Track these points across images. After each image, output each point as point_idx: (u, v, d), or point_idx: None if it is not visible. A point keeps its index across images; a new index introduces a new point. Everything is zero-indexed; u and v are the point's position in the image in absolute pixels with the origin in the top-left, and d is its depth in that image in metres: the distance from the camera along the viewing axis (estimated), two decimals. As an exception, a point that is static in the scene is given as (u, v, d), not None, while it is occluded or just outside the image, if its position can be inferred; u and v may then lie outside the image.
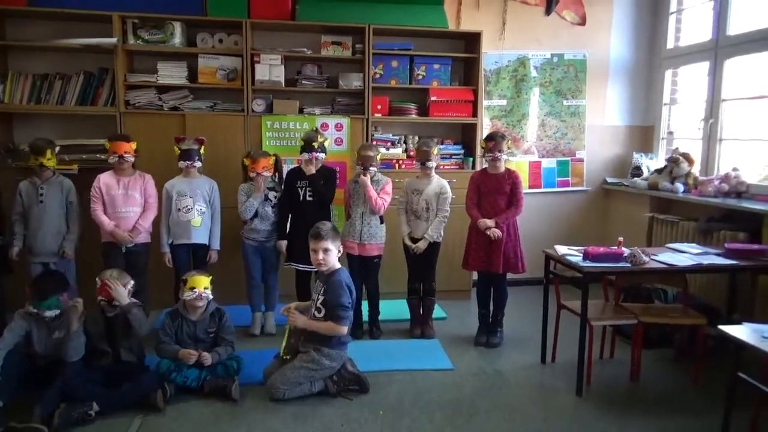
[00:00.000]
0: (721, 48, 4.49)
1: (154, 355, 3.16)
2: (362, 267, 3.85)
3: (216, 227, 3.89)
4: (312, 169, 3.81)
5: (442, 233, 3.91)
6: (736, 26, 4.42)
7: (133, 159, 3.69)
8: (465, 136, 4.97)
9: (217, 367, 3.13)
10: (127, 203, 3.68)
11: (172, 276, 3.79)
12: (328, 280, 3.15)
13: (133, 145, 3.69)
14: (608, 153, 5.37)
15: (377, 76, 4.60)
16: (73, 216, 3.67)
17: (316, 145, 3.80)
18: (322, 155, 3.85)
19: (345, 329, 3.06)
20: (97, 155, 4.18)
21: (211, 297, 3.23)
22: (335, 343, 3.10)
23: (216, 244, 3.88)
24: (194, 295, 3.15)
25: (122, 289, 3.04)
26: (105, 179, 3.69)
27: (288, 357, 3.12)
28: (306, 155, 3.81)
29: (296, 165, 4.02)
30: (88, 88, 4.28)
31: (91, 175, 3.77)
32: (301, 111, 4.54)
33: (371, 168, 3.80)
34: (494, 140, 3.75)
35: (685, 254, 3.40)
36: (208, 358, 3.08)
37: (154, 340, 3.17)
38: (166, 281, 3.84)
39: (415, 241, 3.89)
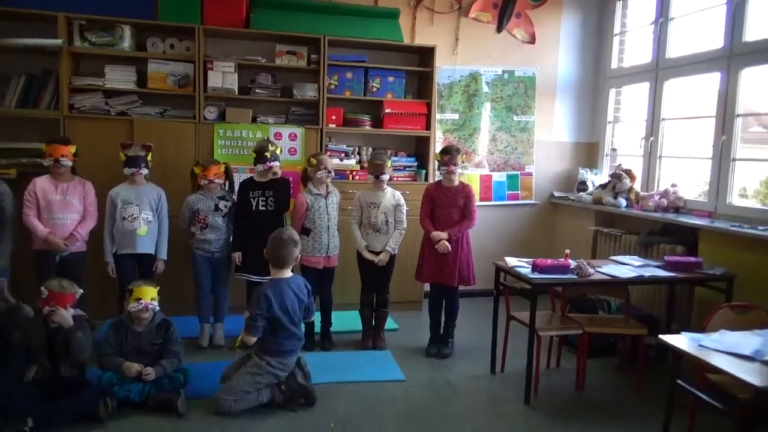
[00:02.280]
0: (661, 70, 4.65)
1: (97, 368, 3.04)
2: (324, 278, 3.88)
3: (163, 237, 3.81)
4: (269, 176, 3.81)
5: (398, 245, 3.95)
6: (674, 49, 4.59)
7: (70, 163, 3.57)
8: (418, 148, 5.01)
9: (163, 380, 3.03)
10: (64, 209, 3.55)
11: (116, 285, 3.69)
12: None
13: (72, 149, 3.56)
14: (556, 168, 5.50)
15: (332, 86, 4.60)
16: (6, 224, 3.46)
17: (268, 154, 3.78)
18: (276, 163, 3.84)
19: (251, 339, 2.97)
20: (37, 160, 3.99)
21: (157, 308, 3.15)
22: (272, 350, 3.03)
23: (163, 254, 3.80)
24: (140, 307, 3.06)
25: (66, 312, 2.90)
26: (41, 184, 3.54)
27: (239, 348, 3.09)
28: (260, 167, 3.79)
29: (250, 175, 3.99)
30: (30, 90, 4.11)
31: (31, 180, 3.61)
32: (254, 120, 4.48)
33: (330, 172, 3.84)
34: (449, 154, 3.78)
35: (627, 266, 3.49)
36: (150, 373, 2.98)
37: (97, 352, 3.05)
38: (111, 291, 3.73)
39: (375, 254, 3.89)
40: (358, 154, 4.82)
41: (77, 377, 2.98)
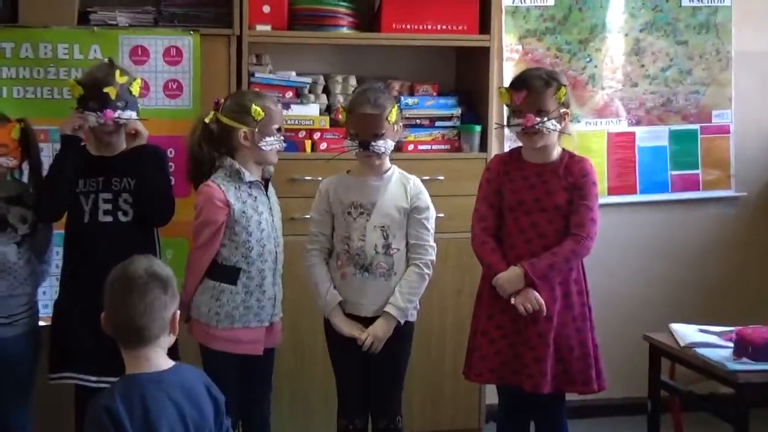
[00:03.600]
0: None
1: None
2: (257, 375, 4.00)
3: None
4: (119, 144, 3.91)
5: (417, 302, 3.96)
6: None
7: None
8: (464, 76, 5.12)
9: None
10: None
11: None
12: None
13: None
14: (784, 115, 5.46)
15: (261, -61, 4.66)
16: None
17: (112, 93, 3.77)
18: (130, 114, 3.87)
19: None
20: None
21: None
22: None
23: None
24: None
25: None
26: None
27: None
28: (92, 117, 3.79)
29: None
30: None
31: None
32: (83, 19, 4.55)
33: (274, 137, 3.89)
34: (528, 87, 3.79)
35: None
36: None
37: None
38: None
39: (365, 323, 3.88)
40: (324, 92, 4.88)
41: None
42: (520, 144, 3.91)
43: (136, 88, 3.89)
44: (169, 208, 3.96)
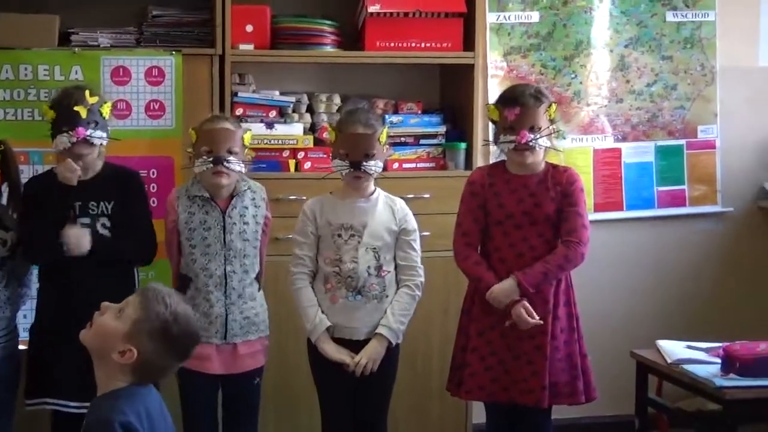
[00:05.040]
0: None
1: None
2: (238, 404, 3.98)
3: None
4: (89, 172, 3.89)
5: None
6: None
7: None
8: (448, 93, 5.13)
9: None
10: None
11: None
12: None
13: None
14: (768, 129, 5.45)
15: (244, -41, 4.64)
16: None
17: (82, 111, 3.78)
18: (101, 135, 3.87)
19: None
20: None
21: None
22: None
23: None
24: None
25: None
26: None
27: None
28: (64, 139, 3.78)
29: (53, 166, 4.04)
30: None
31: None
32: (64, 40, 4.54)
33: (234, 160, 3.84)
34: (521, 103, 3.80)
35: None
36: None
37: None
38: None
39: (352, 347, 3.88)
40: (309, 111, 4.87)
41: None
42: (505, 158, 3.93)
43: (106, 111, 3.90)
44: (148, 234, 3.98)
